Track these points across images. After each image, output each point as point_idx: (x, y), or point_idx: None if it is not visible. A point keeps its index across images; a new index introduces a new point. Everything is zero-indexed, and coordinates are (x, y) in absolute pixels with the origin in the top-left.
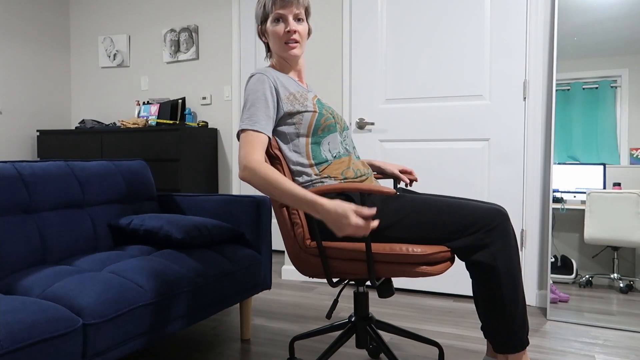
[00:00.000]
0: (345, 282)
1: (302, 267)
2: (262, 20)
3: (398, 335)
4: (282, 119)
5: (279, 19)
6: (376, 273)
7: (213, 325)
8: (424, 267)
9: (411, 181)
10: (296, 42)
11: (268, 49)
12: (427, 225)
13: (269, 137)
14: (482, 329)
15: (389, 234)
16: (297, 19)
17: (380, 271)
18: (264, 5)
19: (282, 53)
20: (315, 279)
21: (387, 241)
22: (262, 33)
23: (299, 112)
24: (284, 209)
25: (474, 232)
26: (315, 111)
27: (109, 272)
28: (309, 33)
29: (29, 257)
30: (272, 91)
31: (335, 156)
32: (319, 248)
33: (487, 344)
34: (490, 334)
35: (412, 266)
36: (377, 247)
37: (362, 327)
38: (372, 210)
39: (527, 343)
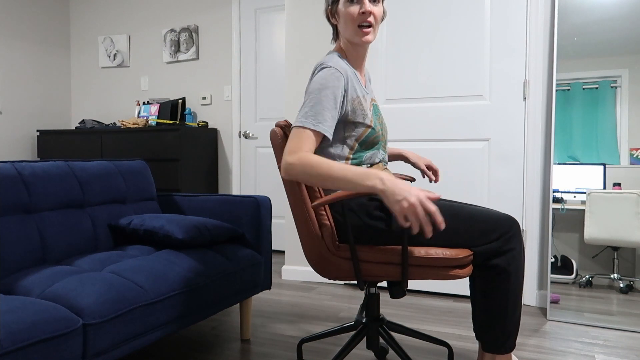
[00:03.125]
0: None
1: (326, 269)
2: (334, 0)
3: (408, 335)
4: (337, 122)
5: None
6: (409, 276)
7: (213, 325)
8: (457, 270)
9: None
10: (370, 25)
11: (336, 32)
12: (454, 232)
13: (324, 136)
14: (475, 330)
15: (418, 240)
16: (373, 0)
17: (413, 274)
18: None
19: (353, 38)
20: (315, 279)
21: (415, 245)
22: (331, 14)
23: (355, 123)
24: (312, 210)
25: (497, 239)
26: (369, 126)
27: (109, 272)
28: (384, 16)
29: (29, 257)
30: (342, 92)
31: (370, 165)
32: (352, 250)
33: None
34: (487, 334)
35: (445, 269)
36: (412, 251)
37: (374, 328)
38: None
39: (515, 346)
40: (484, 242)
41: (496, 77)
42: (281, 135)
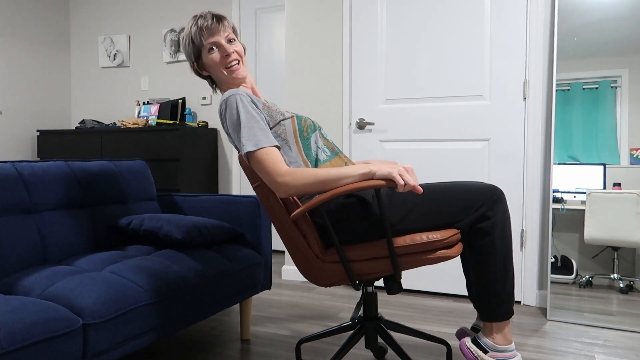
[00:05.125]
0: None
1: (319, 277)
2: (196, 56)
3: (406, 334)
4: None
5: (212, 47)
6: (400, 267)
7: (213, 325)
8: (443, 251)
9: None
10: (237, 62)
11: (212, 83)
12: (434, 213)
13: (277, 146)
14: (473, 302)
15: (400, 227)
16: (229, 41)
17: (404, 264)
18: (192, 41)
19: (228, 79)
20: None
21: (400, 234)
22: (200, 68)
23: (279, 122)
24: (292, 221)
25: (479, 208)
26: (292, 115)
27: (109, 272)
28: (245, 50)
29: (29, 257)
30: (252, 105)
31: (328, 157)
32: (339, 253)
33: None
34: (482, 301)
35: (433, 252)
36: (397, 241)
37: (372, 327)
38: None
39: (513, 313)
40: (467, 215)
41: (496, 77)
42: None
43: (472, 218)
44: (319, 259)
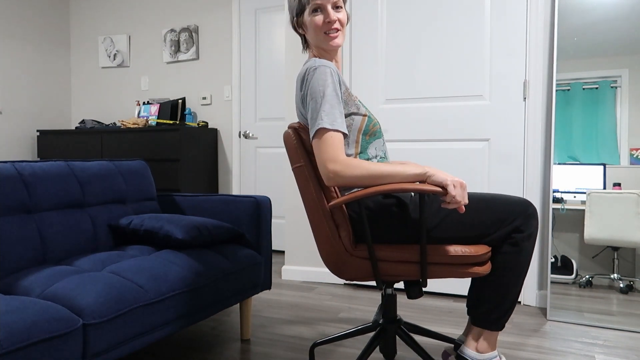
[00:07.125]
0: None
1: (343, 270)
2: (298, 12)
3: (424, 336)
4: None
5: (317, 9)
6: (428, 275)
7: (213, 325)
8: (476, 267)
9: None
10: (337, 30)
11: (305, 41)
12: (468, 223)
13: (345, 134)
14: (469, 304)
15: (435, 234)
16: (336, 7)
17: (433, 273)
18: None
19: (323, 45)
20: (315, 279)
21: (434, 241)
22: (298, 25)
23: (350, 115)
24: (327, 210)
25: (512, 221)
26: (365, 115)
27: (109, 272)
28: (348, 19)
29: (29, 257)
30: (339, 86)
31: (379, 160)
32: (370, 250)
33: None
34: (482, 306)
35: (464, 267)
36: (431, 249)
37: (392, 329)
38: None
39: (504, 326)
40: (501, 227)
41: (496, 77)
42: (295, 137)
43: (505, 231)
44: (347, 253)
